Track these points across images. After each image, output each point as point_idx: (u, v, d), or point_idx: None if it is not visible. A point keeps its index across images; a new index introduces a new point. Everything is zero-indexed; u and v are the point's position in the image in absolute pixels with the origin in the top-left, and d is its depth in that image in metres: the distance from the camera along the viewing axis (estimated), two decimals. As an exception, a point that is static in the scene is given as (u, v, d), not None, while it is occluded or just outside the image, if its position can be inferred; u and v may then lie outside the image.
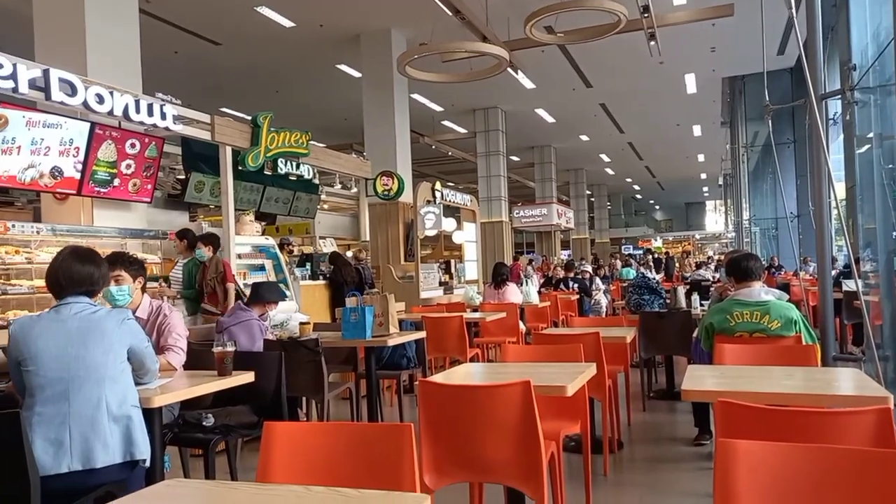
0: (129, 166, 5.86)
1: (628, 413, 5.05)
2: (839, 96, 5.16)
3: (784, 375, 2.64)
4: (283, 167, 7.41)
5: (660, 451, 4.49)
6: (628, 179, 31.22)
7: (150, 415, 2.59)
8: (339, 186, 10.63)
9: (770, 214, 17.17)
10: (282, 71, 13.07)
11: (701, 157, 25.40)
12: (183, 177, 7.59)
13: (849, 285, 6.93)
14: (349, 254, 11.38)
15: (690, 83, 15.08)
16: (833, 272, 7.04)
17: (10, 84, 4.61)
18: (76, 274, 2.39)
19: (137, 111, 5.52)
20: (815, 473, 1.49)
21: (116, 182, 5.80)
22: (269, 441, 1.81)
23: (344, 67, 12.76)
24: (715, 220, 40.59)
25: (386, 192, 10.45)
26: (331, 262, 8.67)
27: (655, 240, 36.64)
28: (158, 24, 10.11)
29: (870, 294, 6.34)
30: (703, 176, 30.50)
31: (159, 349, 3.15)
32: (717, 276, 9.86)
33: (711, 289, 5.61)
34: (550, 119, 17.81)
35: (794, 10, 3.83)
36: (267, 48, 11.70)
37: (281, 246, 7.69)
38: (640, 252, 27.48)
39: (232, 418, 3.23)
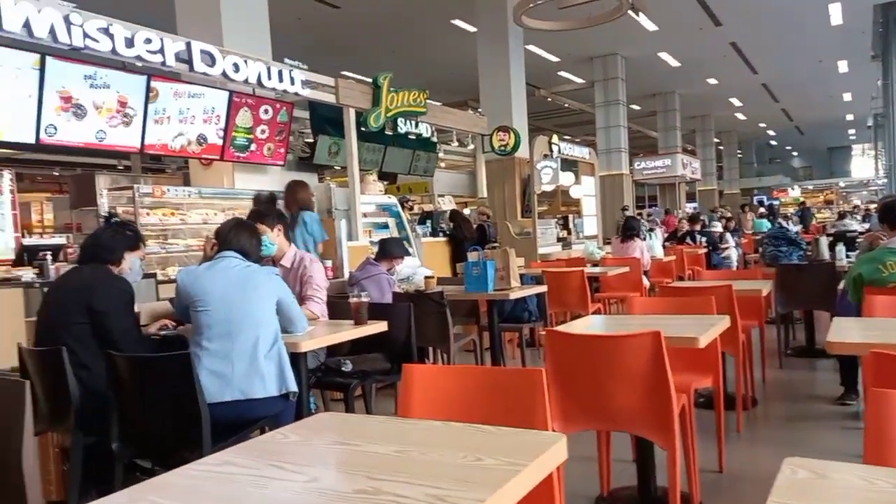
0: (263, 131, 6.24)
1: (763, 370, 4.82)
2: None
3: (947, 329, 2.42)
4: (402, 126, 7.58)
5: (798, 409, 4.28)
6: (762, 125, 29.00)
7: (297, 359, 2.83)
8: (456, 144, 10.70)
9: (930, 157, 15.40)
10: (398, 29, 13.22)
11: (847, 97, 23.06)
12: (311, 140, 7.94)
13: None
14: (467, 211, 11.52)
15: (835, 13, 13.63)
16: None
17: (158, 58, 5.02)
18: (243, 240, 2.78)
19: (269, 78, 5.84)
20: None
21: (253, 147, 6.20)
22: (408, 382, 1.92)
23: (458, 22, 12.69)
24: (863, 165, 36.94)
25: (502, 148, 10.40)
26: (451, 220, 8.83)
27: (793, 189, 33.91)
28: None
29: None
30: (850, 117, 27.75)
31: (301, 299, 3.38)
32: (868, 225, 9.03)
33: (859, 239, 5.18)
34: (675, 63, 16.82)
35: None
36: (383, 7, 11.85)
37: (402, 204, 7.91)
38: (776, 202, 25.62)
39: (368, 364, 3.43)
